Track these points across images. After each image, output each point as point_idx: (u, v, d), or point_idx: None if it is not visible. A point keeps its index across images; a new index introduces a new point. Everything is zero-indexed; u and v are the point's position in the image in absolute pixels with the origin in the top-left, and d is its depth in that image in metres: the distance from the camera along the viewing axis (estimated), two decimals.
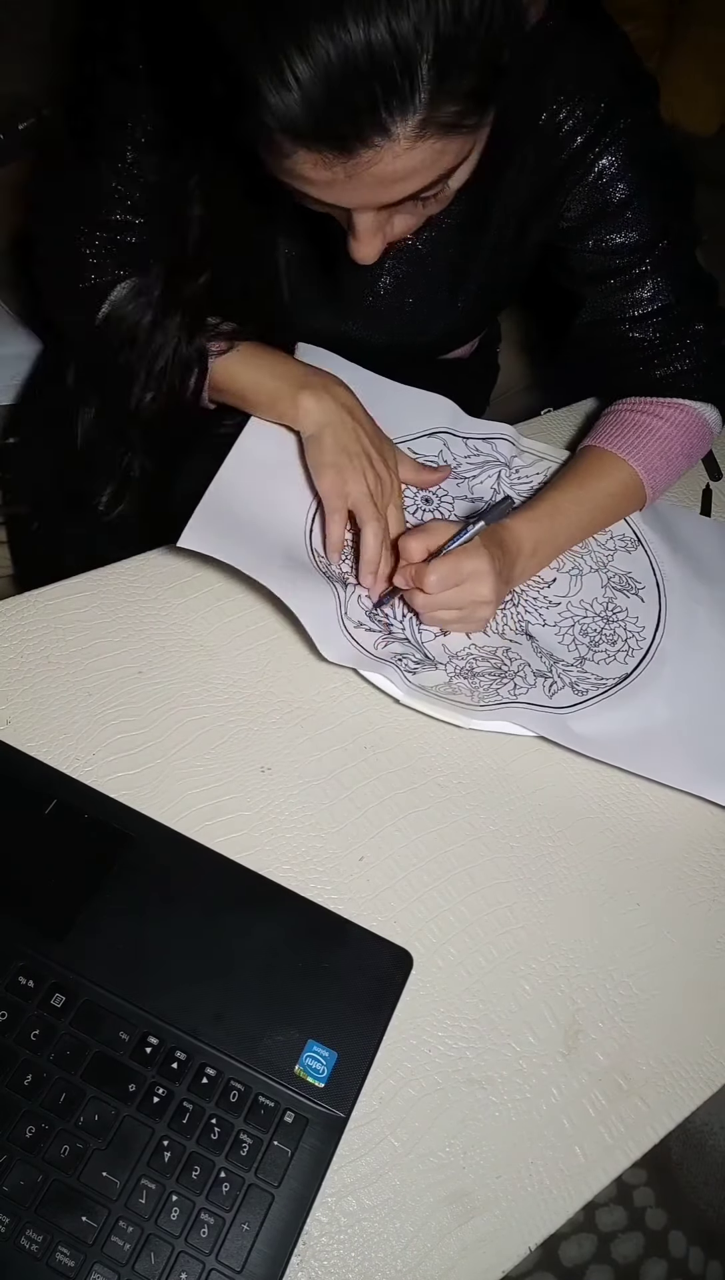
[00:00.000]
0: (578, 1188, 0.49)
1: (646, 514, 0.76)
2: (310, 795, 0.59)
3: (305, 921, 0.53)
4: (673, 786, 0.61)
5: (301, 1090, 0.48)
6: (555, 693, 0.64)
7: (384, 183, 0.47)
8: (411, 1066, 0.51)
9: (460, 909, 0.56)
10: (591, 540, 0.74)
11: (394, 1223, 0.47)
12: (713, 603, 0.72)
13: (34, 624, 0.64)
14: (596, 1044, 0.53)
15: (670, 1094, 0.52)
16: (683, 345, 0.71)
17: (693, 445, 0.74)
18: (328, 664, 0.62)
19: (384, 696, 0.64)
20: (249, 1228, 0.44)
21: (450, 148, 0.47)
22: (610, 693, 0.65)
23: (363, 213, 0.50)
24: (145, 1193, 0.45)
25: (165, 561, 0.69)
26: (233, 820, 0.57)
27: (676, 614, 0.71)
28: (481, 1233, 0.47)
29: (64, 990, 0.49)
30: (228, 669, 0.64)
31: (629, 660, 0.67)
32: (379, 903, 0.56)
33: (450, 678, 0.64)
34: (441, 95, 0.43)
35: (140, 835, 0.55)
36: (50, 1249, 0.43)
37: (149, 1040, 0.48)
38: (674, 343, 0.71)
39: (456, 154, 0.48)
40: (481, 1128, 0.49)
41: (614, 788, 0.63)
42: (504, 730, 0.62)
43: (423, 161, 0.46)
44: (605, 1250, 1.08)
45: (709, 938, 0.58)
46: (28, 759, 0.57)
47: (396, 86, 0.41)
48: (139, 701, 0.61)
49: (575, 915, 0.57)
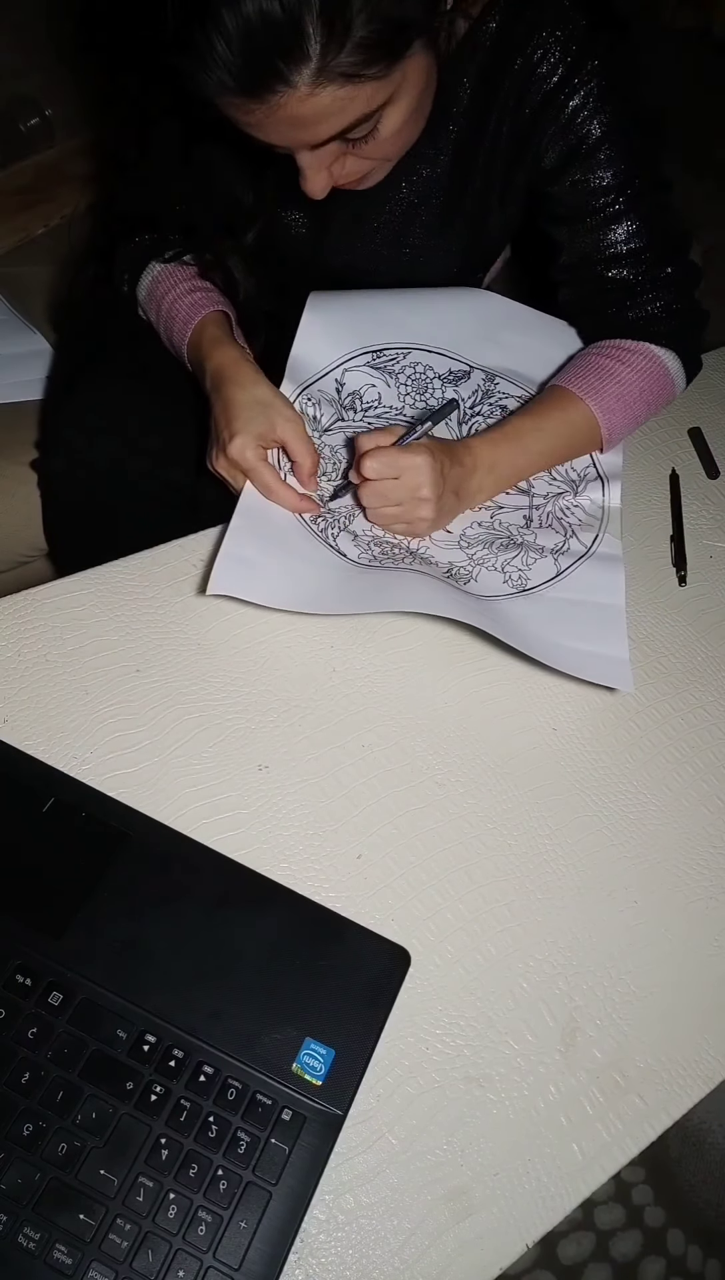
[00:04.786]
0: (576, 1185, 0.49)
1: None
2: (308, 793, 0.59)
3: (303, 919, 0.53)
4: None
5: (299, 1088, 0.48)
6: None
7: (298, 125, 0.55)
8: (409, 1064, 0.51)
9: (458, 907, 0.56)
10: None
11: (392, 1220, 0.47)
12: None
13: (32, 622, 0.64)
14: (594, 1041, 0.53)
15: (668, 1091, 0.52)
16: (655, 288, 0.75)
17: (652, 392, 0.76)
18: (325, 662, 0.62)
19: (382, 696, 0.64)
20: (247, 1225, 0.44)
21: (358, 94, 0.54)
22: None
23: (301, 152, 0.58)
24: (143, 1190, 0.45)
25: (163, 560, 0.69)
26: (230, 818, 0.57)
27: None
28: (479, 1230, 0.47)
29: (61, 988, 0.49)
30: (225, 667, 0.64)
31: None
32: (377, 900, 0.56)
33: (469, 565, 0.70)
34: (331, 47, 0.50)
35: (138, 833, 0.55)
36: (48, 1247, 0.43)
37: (146, 1038, 0.48)
38: (647, 284, 0.74)
39: (368, 100, 0.55)
40: (479, 1125, 0.49)
41: (613, 787, 0.63)
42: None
43: (330, 106, 0.53)
44: (604, 1248, 1.08)
45: (706, 936, 0.58)
46: (25, 757, 0.57)
47: (287, 41, 0.49)
48: (137, 700, 0.61)
49: (573, 913, 0.57)
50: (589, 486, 0.77)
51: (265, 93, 0.52)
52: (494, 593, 0.68)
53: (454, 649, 0.68)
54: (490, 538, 0.72)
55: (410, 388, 0.80)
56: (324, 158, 0.59)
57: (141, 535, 0.71)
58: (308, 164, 0.59)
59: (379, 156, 0.63)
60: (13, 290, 1.13)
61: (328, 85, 0.52)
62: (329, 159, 0.60)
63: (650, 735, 0.66)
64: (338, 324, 0.80)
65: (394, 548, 0.70)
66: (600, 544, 0.73)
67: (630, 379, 0.75)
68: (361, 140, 0.59)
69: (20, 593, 0.65)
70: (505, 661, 0.67)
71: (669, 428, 0.89)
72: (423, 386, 0.80)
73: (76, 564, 0.68)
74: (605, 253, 0.74)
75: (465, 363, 0.82)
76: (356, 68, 0.52)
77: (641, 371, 0.75)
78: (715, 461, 0.86)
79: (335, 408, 0.77)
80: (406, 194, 0.77)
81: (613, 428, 0.75)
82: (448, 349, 0.82)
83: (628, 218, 0.72)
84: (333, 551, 0.68)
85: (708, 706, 0.68)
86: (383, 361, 0.80)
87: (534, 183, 0.74)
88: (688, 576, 0.76)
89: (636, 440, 0.86)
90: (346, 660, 0.66)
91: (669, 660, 0.71)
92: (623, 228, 0.72)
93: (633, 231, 0.72)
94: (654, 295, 0.75)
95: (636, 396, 0.75)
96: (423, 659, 0.67)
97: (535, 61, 0.67)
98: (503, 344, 0.84)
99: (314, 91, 0.52)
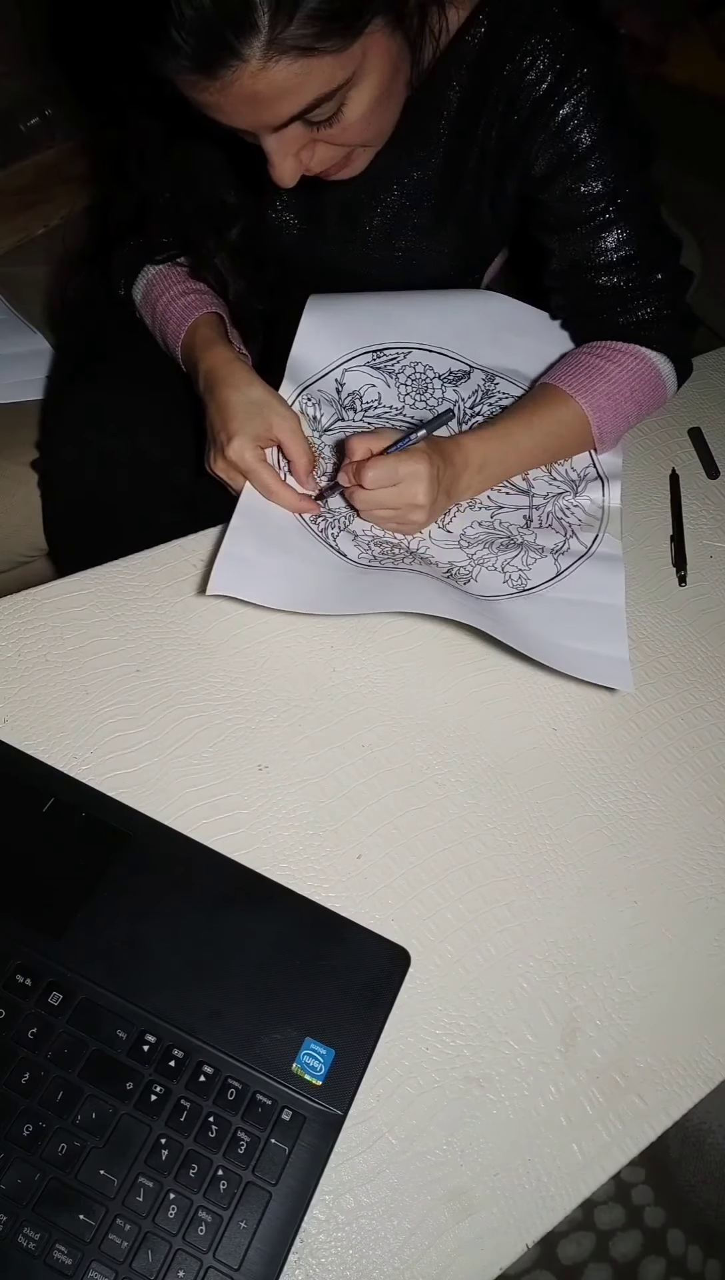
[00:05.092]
0: (575, 1185, 0.49)
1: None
2: (308, 793, 0.59)
3: (303, 919, 0.53)
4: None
5: (299, 1088, 0.48)
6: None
7: (255, 103, 0.54)
8: (409, 1064, 0.51)
9: (458, 907, 0.56)
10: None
11: (391, 1220, 0.47)
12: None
13: (32, 622, 0.64)
14: (594, 1042, 0.53)
15: (668, 1091, 0.52)
16: (645, 294, 0.75)
17: (642, 392, 0.76)
18: (325, 662, 0.62)
19: (382, 696, 0.64)
20: (247, 1225, 0.44)
21: (313, 69, 0.53)
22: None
23: (266, 136, 0.57)
24: (143, 1191, 0.45)
25: (163, 560, 0.69)
26: (230, 818, 0.57)
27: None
28: (479, 1230, 0.47)
29: (61, 988, 0.49)
30: (225, 667, 0.64)
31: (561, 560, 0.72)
32: (377, 900, 0.56)
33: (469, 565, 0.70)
34: (280, 18, 0.49)
35: (138, 833, 0.55)
36: (48, 1247, 0.43)
37: (146, 1038, 0.48)
38: (638, 291, 0.75)
39: (327, 78, 0.54)
40: (479, 1125, 0.49)
41: (613, 787, 0.63)
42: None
43: (285, 82, 0.53)
44: (604, 1248, 1.08)
45: (706, 935, 0.58)
46: (25, 757, 0.57)
47: (236, 13, 0.49)
48: (137, 700, 0.61)
49: (573, 913, 0.57)
50: (589, 486, 0.77)
51: (218, 67, 0.52)
52: (494, 593, 0.68)
53: (454, 649, 0.68)
54: (490, 538, 0.72)
55: (410, 387, 0.80)
56: (289, 143, 0.58)
57: (141, 535, 0.71)
58: (273, 149, 0.58)
59: (349, 142, 0.61)
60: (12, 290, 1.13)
61: (281, 59, 0.51)
62: (295, 145, 0.59)
63: (650, 735, 0.66)
64: (338, 324, 0.80)
65: (394, 548, 0.70)
66: (600, 544, 0.73)
67: (620, 377, 0.75)
68: (326, 124, 0.58)
69: (20, 593, 0.65)
70: (505, 661, 0.67)
71: (669, 428, 0.89)
72: (423, 386, 0.80)
73: (76, 564, 0.68)
74: (596, 260, 0.74)
75: (465, 362, 0.82)
76: (309, 40, 0.51)
77: (631, 371, 0.75)
78: (715, 461, 0.86)
79: (335, 408, 0.77)
80: (397, 196, 0.77)
81: (603, 425, 0.75)
82: (448, 349, 0.82)
83: (618, 226, 0.72)
84: (333, 551, 0.68)
85: (708, 706, 0.68)
86: (383, 361, 0.80)
87: (524, 190, 0.74)
88: (688, 576, 0.76)
89: (636, 440, 0.86)
90: (346, 660, 0.66)
91: (669, 660, 0.71)
92: (613, 236, 0.72)
93: (623, 239, 0.72)
94: (644, 301, 0.75)
95: (627, 395, 0.75)
96: (423, 659, 0.67)
97: (524, 68, 0.66)
98: (503, 344, 0.84)
99: (266, 65, 0.51)
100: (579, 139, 0.68)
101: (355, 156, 0.64)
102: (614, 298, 0.75)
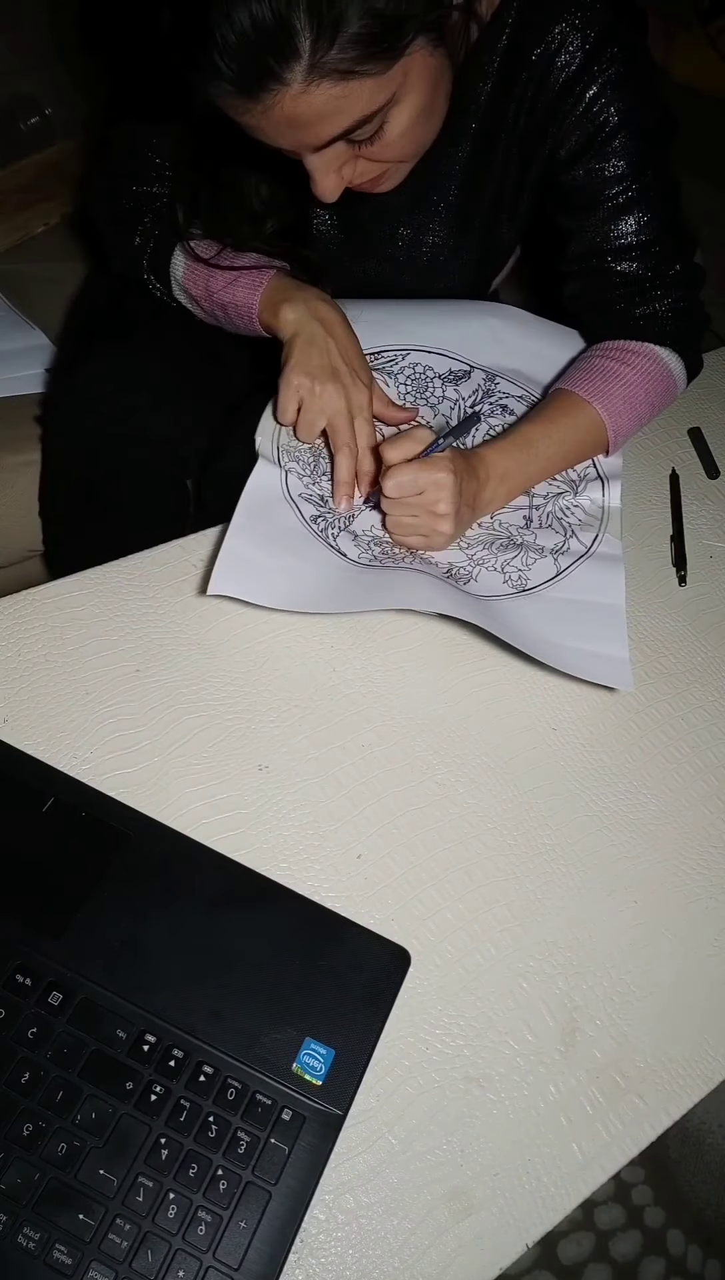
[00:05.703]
0: (575, 1185, 0.49)
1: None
2: (307, 793, 0.59)
3: (303, 919, 0.53)
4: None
5: (299, 1088, 0.48)
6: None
7: (297, 125, 0.54)
8: (409, 1064, 0.51)
9: (458, 907, 0.56)
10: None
11: (391, 1220, 0.47)
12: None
13: (32, 622, 0.64)
14: (594, 1041, 0.53)
15: (668, 1091, 0.52)
16: (662, 286, 0.75)
17: (656, 394, 0.76)
18: (325, 662, 0.62)
19: (382, 696, 0.64)
20: (246, 1225, 0.44)
21: (356, 92, 0.53)
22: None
23: (307, 155, 0.58)
24: (143, 1190, 0.45)
25: (163, 560, 0.69)
26: (230, 818, 0.57)
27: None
28: (479, 1230, 0.47)
29: (61, 988, 0.49)
30: (225, 667, 0.64)
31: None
32: (377, 900, 0.56)
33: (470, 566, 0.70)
34: (322, 43, 0.50)
35: (137, 833, 0.55)
36: (47, 1246, 0.43)
37: (146, 1038, 0.48)
38: (655, 281, 0.74)
39: (368, 99, 0.54)
40: (479, 1125, 0.49)
41: (613, 787, 0.63)
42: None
43: (326, 105, 0.53)
44: (603, 1248, 1.08)
45: (706, 935, 0.58)
46: (25, 757, 0.57)
47: (277, 40, 0.50)
48: (136, 700, 0.61)
49: (573, 913, 0.57)
50: (589, 486, 0.77)
51: (260, 91, 0.52)
52: (494, 593, 0.68)
53: (454, 649, 0.68)
54: (490, 538, 0.72)
55: (410, 388, 0.80)
56: (331, 160, 0.59)
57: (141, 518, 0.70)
58: (315, 167, 0.59)
59: (389, 158, 0.62)
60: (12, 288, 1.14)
61: (322, 82, 0.52)
62: (337, 162, 0.60)
63: (650, 735, 0.66)
64: None
65: (394, 547, 0.70)
66: (600, 544, 0.73)
67: (635, 381, 0.75)
68: (368, 142, 0.59)
69: (20, 593, 0.65)
70: (505, 661, 0.67)
71: (669, 428, 0.89)
72: (422, 386, 0.80)
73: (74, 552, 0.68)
74: (615, 244, 0.73)
75: (465, 362, 0.82)
76: (350, 64, 0.52)
77: (646, 373, 0.75)
78: (715, 461, 0.86)
79: None
80: (426, 191, 0.77)
81: (619, 430, 0.75)
82: (447, 349, 0.82)
83: (639, 208, 0.71)
84: (333, 551, 0.68)
85: (708, 706, 0.68)
86: (381, 363, 0.80)
87: (548, 173, 0.74)
88: (688, 576, 0.76)
89: (636, 440, 0.86)
90: (346, 660, 0.66)
91: (669, 660, 0.71)
92: (633, 218, 0.72)
93: (643, 223, 0.72)
94: (661, 293, 0.75)
95: (642, 399, 0.75)
96: (423, 659, 0.67)
97: (554, 50, 0.66)
98: (503, 344, 0.84)
99: (307, 89, 0.52)
100: (606, 118, 0.68)
101: (394, 169, 0.65)
102: (631, 286, 0.75)
